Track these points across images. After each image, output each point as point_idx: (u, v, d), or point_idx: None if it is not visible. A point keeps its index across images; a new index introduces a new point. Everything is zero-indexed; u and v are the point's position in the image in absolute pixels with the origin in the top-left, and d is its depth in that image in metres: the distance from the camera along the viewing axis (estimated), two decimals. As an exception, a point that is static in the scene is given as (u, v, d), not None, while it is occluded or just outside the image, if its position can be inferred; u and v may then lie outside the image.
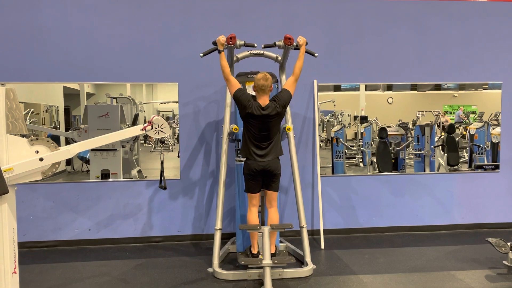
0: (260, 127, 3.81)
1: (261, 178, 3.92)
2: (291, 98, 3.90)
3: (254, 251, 4.02)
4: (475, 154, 5.78)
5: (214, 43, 3.97)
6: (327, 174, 5.34)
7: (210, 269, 4.04)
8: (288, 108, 4.43)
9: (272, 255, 3.87)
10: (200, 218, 5.08)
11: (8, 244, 2.61)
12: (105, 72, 4.89)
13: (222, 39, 3.87)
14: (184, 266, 4.21)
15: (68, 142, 5.19)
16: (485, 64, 5.39)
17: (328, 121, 5.70)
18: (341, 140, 5.61)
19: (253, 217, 3.99)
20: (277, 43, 4.09)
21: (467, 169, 5.71)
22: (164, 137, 3.39)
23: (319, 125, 5.22)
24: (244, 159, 3.99)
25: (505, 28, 5.39)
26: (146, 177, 5.28)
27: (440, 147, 5.77)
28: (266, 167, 3.85)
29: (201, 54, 4.08)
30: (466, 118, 5.88)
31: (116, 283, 3.82)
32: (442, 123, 5.79)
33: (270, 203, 4.04)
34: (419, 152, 5.77)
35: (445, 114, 5.79)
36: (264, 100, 3.83)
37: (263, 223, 4.30)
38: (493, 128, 5.63)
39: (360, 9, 5.19)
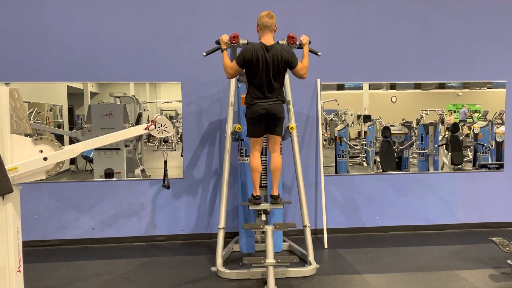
0: (265, 73, 3.76)
1: (264, 122, 3.89)
2: (296, 61, 3.84)
3: (256, 194, 4.05)
4: (479, 153, 5.76)
5: (217, 42, 3.97)
6: (331, 173, 5.34)
7: (213, 268, 4.05)
8: (291, 107, 4.43)
9: (275, 198, 3.98)
10: (203, 217, 5.09)
11: (12, 243, 2.62)
12: (109, 72, 4.90)
13: (225, 38, 3.87)
14: (187, 265, 4.21)
15: (72, 141, 5.21)
16: (489, 63, 5.37)
17: (331, 120, 5.69)
18: (344, 139, 5.59)
19: (255, 161, 3.99)
20: (280, 42, 4.09)
21: (471, 168, 5.69)
22: (167, 136, 3.39)
23: (323, 124, 5.21)
24: (247, 158, 3.99)
25: (509, 26, 5.37)
26: (149, 176, 5.29)
27: (444, 146, 5.75)
28: (269, 110, 3.81)
29: (204, 54, 4.08)
30: (470, 115, 5.85)
31: (119, 281, 3.83)
32: (446, 121, 5.76)
33: (273, 147, 4.03)
34: (423, 151, 5.75)
35: (451, 113, 5.76)
36: (268, 39, 3.80)
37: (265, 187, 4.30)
38: (497, 127, 5.60)
39: (363, 7, 5.18)
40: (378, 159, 5.65)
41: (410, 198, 5.33)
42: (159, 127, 3.19)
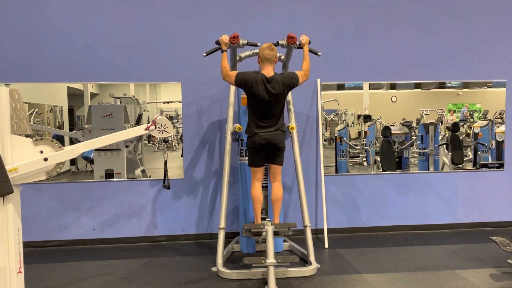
0: (265, 103, 3.79)
1: (265, 151, 3.90)
2: (297, 82, 3.88)
3: (258, 222, 4.02)
4: (479, 152, 5.75)
5: (217, 43, 3.97)
6: (331, 173, 5.34)
7: (214, 268, 4.05)
8: (291, 107, 4.43)
9: (276, 225, 3.92)
10: (204, 218, 5.09)
11: (13, 244, 2.63)
12: (109, 72, 4.90)
13: (225, 38, 3.87)
14: (188, 266, 4.21)
15: (72, 142, 5.21)
16: (489, 62, 5.37)
17: (331, 120, 5.69)
18: (344, 139, 5.59)
19: (256, 191, 3.98)
20: (280, 42, 4.09)
21: (472, 168, 5.68)
22: (167, 137, 3.39)
23: (323, 124, 5.21)
24: (247, 158, 3.99)
25: (509, 26, 5.36)
26: (150, 176, 5.29)
27: (444, 145, 5.75)
28: (270, 141, 3.83)
29: (204, 54, 4.08)
30: (470, 117, 5.85)
31: (120, 282, 3.83)
32: (449, 120, 5.76)
33: (274, 177, 4.03)
34: (423, 150, 5.75)
35: (453, 113, 5.76)
36: (268, 71, 3.83)
37: (266, 214, 4.29)
38: (498, 127, 5.60)
39: (363, 7, 5.18)
40: (379, 159, 5.64)
41: (410, 198, 5.33)
42: (160, 128, 3.19)
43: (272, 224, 3.88)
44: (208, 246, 4.83)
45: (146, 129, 3.15)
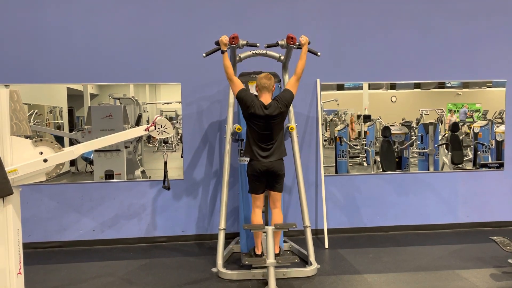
0: (263, 127, 3.80)
1: (265, 178, 3.90)
2: (293, 97, 3.89)
3: (258, 252, 4.01)
4: (479, 152, 5.75)
5: (217, 43, 3.97)
6: (331, 174, 5.33)
7: (214, 269, 4.05)
8: (291, 108, 4.42)
9: (276, 255, 3.86)
10: (203, 218, 5.09)
11: (13, 245, 2.62)
12: (108, 73, 4.90)
13: (225, 39, 3.87)
14: (188, 266, 4.21)
15: (72, 143, 5.20)
16: (489, 62, 5.37)
17: (331, 120, 5.69)
18: (344, 139, 5.59)
19: (257, 218, 3.97)
20: (279, 42, 4.08)
21: (472, 168, 5.69)
22: (167, 138, 3.39)
23: (322, 124, 5.21)
24: (247, 159, 3.98)
25: (508, 25, 5.36)
26: (149, 177, 5.29)
27: (444, 145, 5.75)
28: (270, 168, 3.83)
29: (204, 54, 4.08)
30: (470, 115, 5.85)
31: (120, 283, 3.83)
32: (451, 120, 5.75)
33: (274, 203, 4.02)
34: (423, 150, 5.75)
35: (453, 113, 5.76)
36: (266, 99, 3.83)
37: (267, 223, 4.30)
38: (498, 126, 5.60)
39: (363, 7, 5.18)
40: (378, 159, 5.64)
41: (410, 198, 5.33)
42: (159, 128, 3.19)
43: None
44: (208, 247, 4.83)
45: (146, 130, 3.15)
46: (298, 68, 3.89)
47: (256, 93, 3.94)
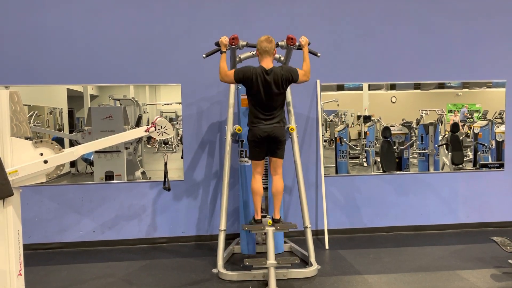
0: (264, 95, 3.77)
1: (266, 144, 3.89)
2: (297, 76, 3.86)
3: (258, 217, 4.02)
4: (479, 152, 5.75)
5: (217, 44, 3.97)
6: (331, 174, 5.33)
7: (214, 270, 4.05)
8: (291, 108, 4.43)
9: (276, 221, 3.92)
10: (204, 219, 5.09)
11: (13, 246, 2.62)
12: (108, 74, 4.90)
13: (225, 40, 3.87)
14: (188, 267, 4.21)
15: (72, 144, 5.21)
16: (489, 62, 5.37)
17: (331, 121, 5.69)
18: (344, 139, 5.59)
19: (257, 184, 3.97)
20: (279, 43, 4.09)
21: (472, 168, 5.68)
22: (167, 138, 3.39)
23: (323, 125, 5.21)
24: (248, 160, 3.99)
25: (509, 26, 5.37)
26: (150, 178, 5.29)
27: (444, 146, 5.74)
28: (270, 133, 3.82)
29: (204, 55, 4.08)
30: (470, 116, 5.85)
31: (120, 284, 3.82)
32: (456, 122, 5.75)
33: (274, 170, 4.01)
34: (423, 151, 5.74)
35: (458, 113, 5.75)
36: (267, 63, 3.83)
37: (267, 212, 4.29)
38: (498, 127, 5.60)
39: (363, 8, 5.18)
40: (379, 160, 5.64)
41: (410, 198, 5.33)
42: (159, 129, 3.19)
43: (272, 219, 3.91)
44: (209, 248, 4.82)
45: (146, 131, 3.15)
46: (304, 69, 3.92)
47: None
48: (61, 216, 4.87)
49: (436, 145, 5.72)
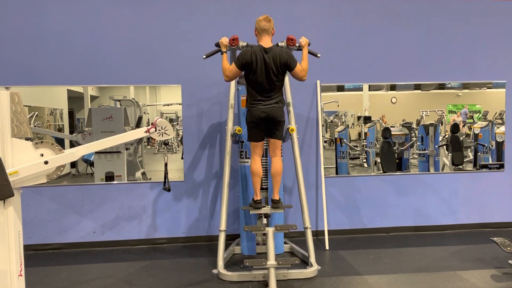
0: (263, 74, 3.76)
1: (265, 126, 3.88)
2: (295, 65, 3.84)
3: (257, 198, 4.04)
4: (479, 153, 5.76)
5: (217, 45, 3.97)
6: (331, 175, 5.34)
7: (214, 271, 4.05)
8: (291, 109, 4.43)
9: (275, 202, 3.97)
10: (204, 220, 5.09)
11: (14, 247, 2.62)
12: (109, 75, 4.91)
13: (225, 40, 3.88)
14: (188, 268, 4.21)
15: (72, 145, 5.21)
16: (489, 63, 5.38)
17: (331, 121, 5.69)
18: (344, 140, 5.59)
19: (256, 166, 3.98)
20: (279, 44, 4.09)
21: (472, 169, 5.68)
22: (168, 139, 3.40)
23: (323, 125, 5.22)
24: (248, 160, 3.99)
25: (509, 26, 5.37)
26: (150, 179, 5.29)
27: (445, 146, 5.75)
28: (269, 114, 3.81)
29: (204, 56, 4.09)
30: (470, 117, 5.85)
31: (121, 285, 3.83)
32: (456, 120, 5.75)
33: (273, 151, 4.02)
34: (423, 152, 5.75)
35: (460, 114, 5.76)
36: (266, 42, 3.82)
37: (266, 203, 4.30)
38: (498, 127, 5.60)
39: (363, 9, 5.19)
40: (379, 160, 5.65)
41: (411, 199, 5.33)
42: (160, 130, 3.19)
43: (271, 200, 3.93)
44: (209, 248, 4.82)
45: (146, 132, 3.15)
46: (303, 67, 3.91)
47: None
48: (62, 216, 4.88)
49: (436, 146, 5.72)
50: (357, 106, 5.59)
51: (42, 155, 2.74)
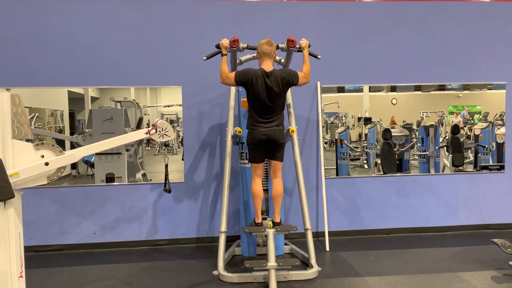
0: (265, 97, 3.78)
1: (265, 147, 3.89)
2: (297, 78, 3.86)
3: (258, 221, 4.02)
4: (480, 154, 5.76)
5: (217, 47, 3.98)
6: (332, 176, 5.34)
7: (215, 272, 4.05)
8: (292, 110, 4.44)
9: (277, 224, 3.91)
10: (204, 221, 5.09)
11: (14, 248, 2.63)
12: (109, 76, 4.91)
13: (225, 42, 3.88)
14: (189, 269, 4.21)
15: (73, 146, 5.22)
16: (489, 64, 5.37)
17: (332, 122, 5.70)
18: (345, 141, 5.60)
19: (257, 187, 3.97)
20: (280, 45, 4.10)
21: (472, 170, 5.68)
22: (168, 141, 3.40)
23: (323, 126, 5.22)
24: (248, 162, 3.99)
25: (509, 28, 5.37)
26: (150, 180, 5.30)
27: (445, 147, 5.75)
28: (270, 136, 3.82)
29: (205, 58, 4.09)
30: (470, 118, 5.85)
31: (121, 286, 3.83)
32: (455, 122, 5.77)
33: (274, 173, 4.01)
34: (424, 153, 5.75)
35: (457, 115, 5.76)
36: (268, 66, 3.84)
37: (267, 214, 4.29)
38: (498, 128, 5.60)
39: (363, 10, 5.19)
40: (379, 161, 5.65)
41: (411, 200, 5.33)
42: (160, 131, 3.19)
43: (272, 222, 3.91)
44: (209, 250, 4.82)
45: (147, 133, 3.15)
46: (304, 71, 3.93)
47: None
48: (62, 218, 4.88)
49: (437, 147, 5.72)
50: (357, 107, 5.60)
51: (42, 156, 2.74)
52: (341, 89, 5.33)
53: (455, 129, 5.77)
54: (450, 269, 4.08)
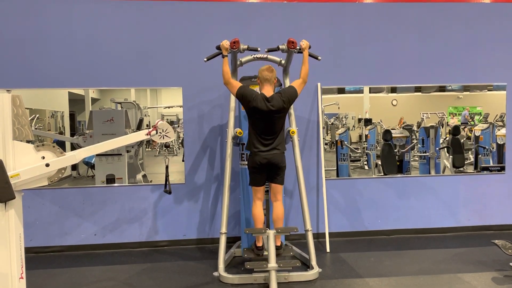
0: (265, 121, 3.80)
1: (266, 171, 3.91)
2: (296, 96, 3.90)
3: (259, 244, 4.02)
4: (480, 155, 5.76)
5: (218, 48, 3.98)
6: (332, 177, 5.34)
7: (215, 273, 4.05)
8: (292, 111, 4.44)
9: (277, 248, 3.89)
10: (205, 222, 5.09)
11: (15, 250, 2.63)
12: (110, 78, 4.92)
13: (226, 43, 3.89)
14: (189, 270, 4.21)
15: (73, 147, 5.22)
16: (489, 66, 5.38)
17: (332, 124, 5.70)
18: (345, 142, 5.60)
19: (257, 210, 3.97)
20: (280, 47, 4.10)
21: (473, 171, 5.68)
22: (168, 142, 3.40)
23: (323, 128, 5.22)
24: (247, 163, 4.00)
25: (509, 29, 5.37)
26: (151, 181, 5.30)
27: (445, 149, 5.75)
28: (270, 160, 3.84)
29: (205, 59, 4.09)
30: (471, 120, 5.86)
31: (122, 287, 3.82)
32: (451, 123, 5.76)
33: (275, 196, 4.02)
34: (424, 154, 5.75)
35: (454, 116, 5.76)
36: (268, 91, 3.85)
37: (268, 225, 4.30)
38: (499, 130, 5.60)
39: (363, 11, 5.20)
40: (380, 163, 5.65)
41: (411, 201, 5.32)
42: (161, 133, 3.20)
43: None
44: (210, 251, 4.82)
45: (147, 134, 3.15)
46: (303, 73, 3.94)
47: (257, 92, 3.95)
48: (63, 219, 4.88)
49: (437, 148, 5.72)
50: (357, 108, 5.60)
51: (43, 157, 2.74)
52: (341, 90, 5.33)
53: (456, 130, 5.77)
54: (450, 270, 4.08)
